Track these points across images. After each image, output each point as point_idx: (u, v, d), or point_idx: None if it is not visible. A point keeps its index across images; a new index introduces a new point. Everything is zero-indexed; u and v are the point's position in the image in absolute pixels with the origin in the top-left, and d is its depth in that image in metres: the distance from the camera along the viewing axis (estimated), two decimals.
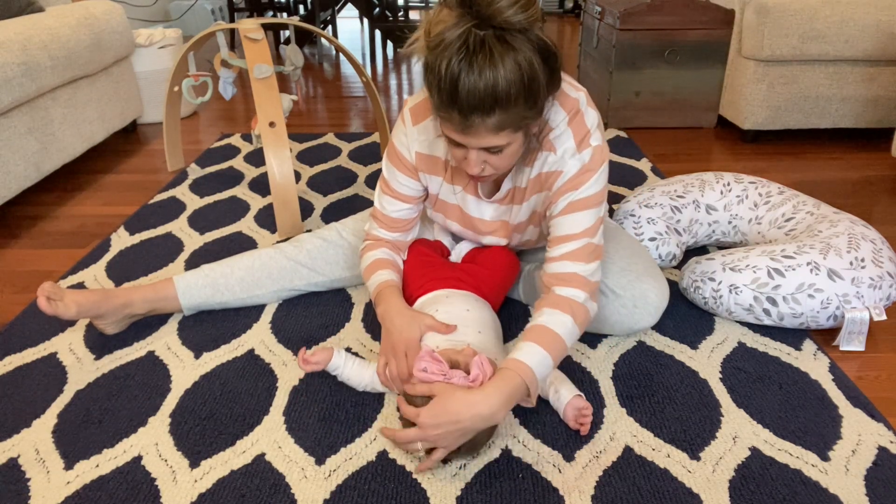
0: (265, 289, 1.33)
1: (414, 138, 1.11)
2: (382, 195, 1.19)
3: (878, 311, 1.18)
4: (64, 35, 1.97)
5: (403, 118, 1.12)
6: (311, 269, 1.35)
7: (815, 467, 0.95)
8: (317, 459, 0.97)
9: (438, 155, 1.12)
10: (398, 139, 1.14)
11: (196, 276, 1.31)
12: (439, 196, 1.19)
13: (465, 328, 1.06)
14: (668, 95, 2.52)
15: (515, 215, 1.17)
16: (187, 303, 1.30)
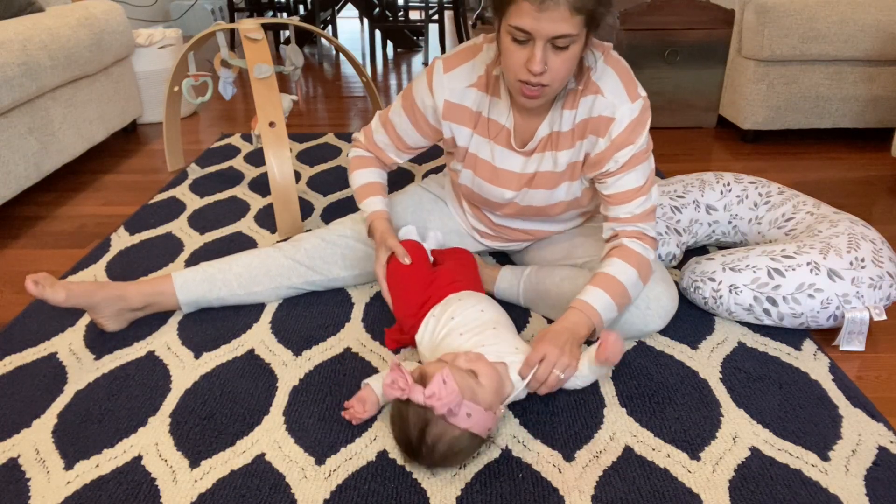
0: (263, 286, 1.33)
1: (444, 86, 1.13)
2: (380, 125, 1.27)
3: (878, 311, 1.18)
4: (64, 35, 1.97)
5: (433, 68, 1.14)
6: (309, 268, 1.35)
7: (815, 467, 0.95)
8: (317, 459, 0.97)
9: (468, 105, 1.14)
10: (419, 89, 1.17)
11: (194, 271, 1.31)
12: (469, 149, 1.19)
13: (483, 329, 1.06)
14: (668, 95, 2.52)
15: (551, 164, 1.14)
16: (184, 298, 1.29)
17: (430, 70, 1.15)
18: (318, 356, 1.20)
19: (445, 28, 4.30)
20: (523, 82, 0.99)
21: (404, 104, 1.21)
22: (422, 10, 4.41)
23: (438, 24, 4.21)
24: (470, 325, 1.07)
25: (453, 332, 1.07)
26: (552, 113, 1.12)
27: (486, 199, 1.24)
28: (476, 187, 1.23)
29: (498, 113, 1.14)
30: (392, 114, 1.24)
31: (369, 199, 1.26)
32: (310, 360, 1.19)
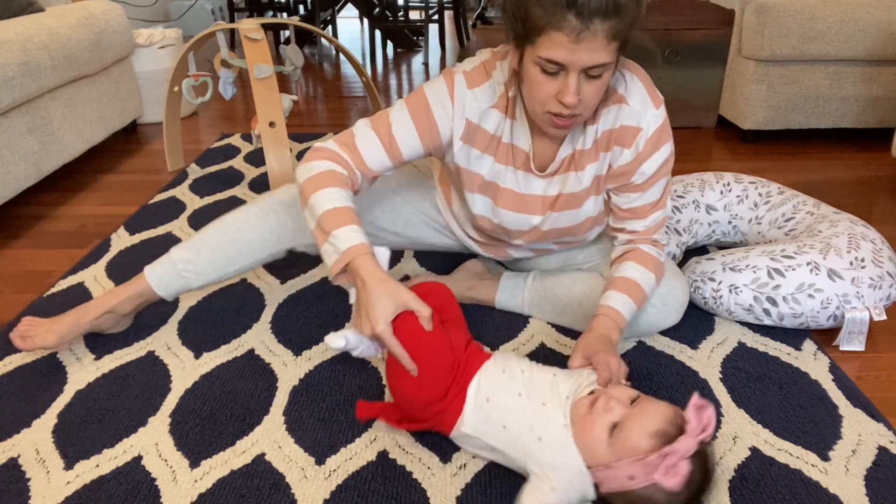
0: (237, 265, 1.20)
1: (468, 104, 1.02)
2: (369, 129, 1.04)
3: (878, 311, 1.18)
4: (64, 35, 1.97)
5: (453, 82, 1.02)
6: (278, 242, 1.19)
7: (815, 467, 0.95)
8: (317, 459, 0.97)
9: (488, 128, 1.05)
10: (437, 97, 1.03)
11: (165, 267, 1.19)
12: (486, 178, 1.09)
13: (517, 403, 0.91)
14: (668, 95, 2.51)
15: (575, 183, 1.08)
16: (167, 293, 1.21)
17: (450, 82, 1.03)
18: (318, 356, 1.20)
19: (445, 28, 4.30)
20: (553, 114, 0.94)
21: (412, 109, 1.03)
22: (422, 10, 4.41)
23: (438, 24, 4.21)
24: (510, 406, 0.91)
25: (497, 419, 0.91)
26: (573, 132, 1.06)
27: (507, 229, 1.15)
28: (496, 217, 1.13)
29: (517, 137, 1.06)
30: (394, 118, 1.04)
31: (345, 229, 0.95)
32: (310, 360, 1.19)
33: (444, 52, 4.25)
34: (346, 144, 1.04)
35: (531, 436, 0.87)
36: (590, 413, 0.85)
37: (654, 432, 0.81)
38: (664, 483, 0.77)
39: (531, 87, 0.93)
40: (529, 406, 0.89)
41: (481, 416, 0.91)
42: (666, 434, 0.80)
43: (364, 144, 1.03)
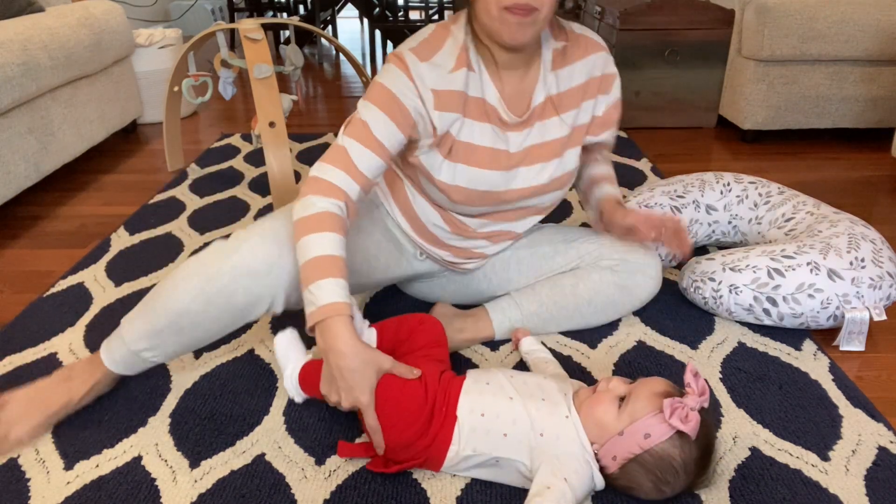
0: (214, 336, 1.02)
1: (426, 77, 0.99)
2: (358, 144, 0.98)
3: (878, 311, 1.18)
4: (64, 35, 1.97)
5: (404, 61, 0.98)
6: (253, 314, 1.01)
7: (815, 467, 0.95)
8: (317, 459, 0.97)
9: (455, 88, 1.01)
10: (396, 82, 0.99)
11: (125, 355, 1.02)
12: (459, 137, 1.03)
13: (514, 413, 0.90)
14: (668, 95, 2.52)
15: (556, 130, 1.08)
16: (133, 372, 1.06)
17: (401, 63, 0.99)
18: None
19: None
20: (508, 8, 0.90)
21: (380, 103, 0.99)
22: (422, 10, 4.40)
23: None
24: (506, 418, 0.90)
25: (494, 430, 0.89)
26: (542, 77, 1.05)
27: (484, 193, 1.08)
28: (471, 182, 1.06)
29: (484, 89, 1.03)
30: (368, 120, 0.98)
31: (328, 282, 0.89)
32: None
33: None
34: (344, 164, 0.97)
35: (533, 434, 0.87)
36: (595, 395, 0.88)
37: (661, 392, 0.85)
38: (682, 426, 0.80)
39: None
40: (525, 406, 0.89)
41: (479, 433, 0.89)
42: (671, 395, 0.85)
43: (359, 158, 0.98)
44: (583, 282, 1.20)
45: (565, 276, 1.22)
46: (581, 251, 1.22)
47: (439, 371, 0.96)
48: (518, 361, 1.18)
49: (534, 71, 1.06)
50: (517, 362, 1.18)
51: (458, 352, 1.21)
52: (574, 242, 1.23)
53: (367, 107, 1.00)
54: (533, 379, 0.96)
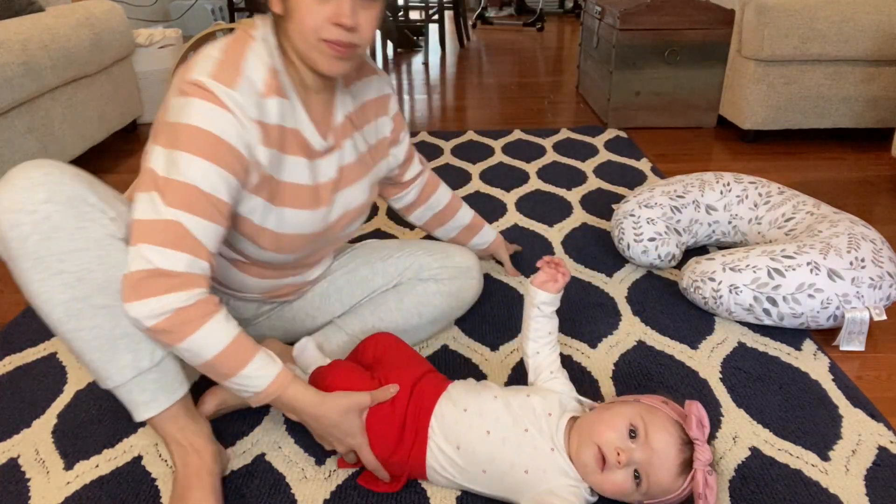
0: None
1: (245, 105, 0.83)
2: (185, 214, 0.79)
3: (878, 311, 1.18)
4: (64, 35, 1.97)
5: (209, 90, 0.81)
6: None
7: (815, 467, 0.95)
8: (317, 459, 0.97)
9: (275, 122, 0.88)
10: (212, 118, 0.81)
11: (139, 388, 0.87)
12: (281, 178, 0.91)
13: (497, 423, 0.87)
14: (668, 95, 2.52)
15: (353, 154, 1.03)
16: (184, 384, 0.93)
17: (206, 93, 0.81)
18: None
19: (445, 28, 4.30)
20: (330, 42, 0.83)
21: (200, 149, 0.80)
22: (422, 10, 4.41)
23: (438, 24, 4.21)
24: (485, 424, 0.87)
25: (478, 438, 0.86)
26: (339, 96, 0.99)
27: (312, 237, 0.99)
28: (298, 226, 0.96)
29: (297, 118, 0.92)
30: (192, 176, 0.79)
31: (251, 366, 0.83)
32: None
33: (444, 52, 4.25)
34: (185, 244, 0.79)
35: (516, 471, 0.83)
36: (606, 474, 0.81)
37: (678, 469, 0.81)
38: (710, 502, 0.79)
39: (302, 16, 0.82)
40: (504, 443, 0.84)
41: (458, 464, 0.86)
42: (687, 460, 0.81)
43: (199, 231, 0.81)
44: (407, 296, 1.17)
45: (388, 293, 1.18)
46: (399, 267, 1.19)
47: (413, 379, 0.93)
48: (517, 363, 1.18)
49: (332, 91, 0.99)
50: (517, 363, 1.18)
51: (456, 352, 1.21)
52: (391, 259, 1.20)
53: (183, 161, 0.80)
54: (517, 400, 0.89)
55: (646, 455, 0.80)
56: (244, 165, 0.85)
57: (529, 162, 2.19)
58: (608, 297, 1.38)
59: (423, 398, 0.91)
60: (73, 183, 0.78)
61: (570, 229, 1.70)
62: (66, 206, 0.77)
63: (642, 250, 1.43)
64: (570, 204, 1.86)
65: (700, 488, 0.79)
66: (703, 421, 0.82)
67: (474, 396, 0.90)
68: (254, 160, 0.86)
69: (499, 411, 0.87)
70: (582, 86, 3.11)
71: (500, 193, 1.94)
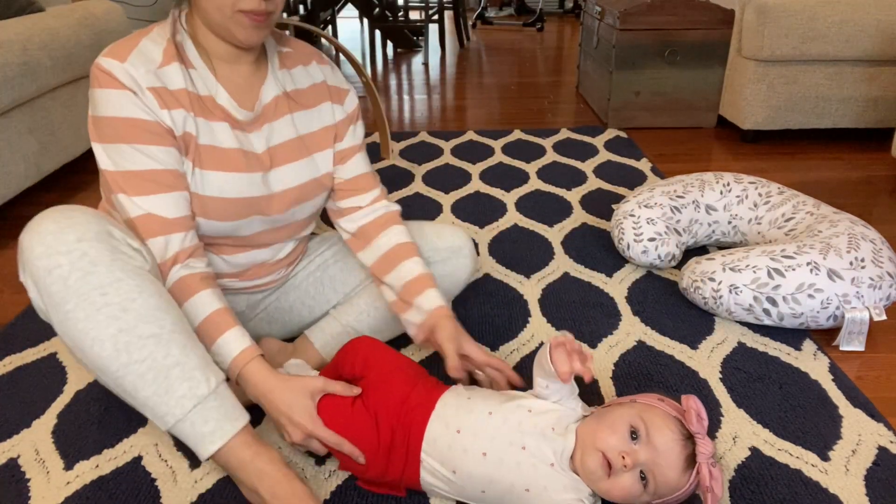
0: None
1: (135, 76, 0.86)
2: (139, 198, 0.87)
3: (878, 311, 1.18)
4: (64, 35, 1.97)
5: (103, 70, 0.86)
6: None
7: (815, 467, 0.95)
8: (317, 459, 0.97)
9: (172, 86, 0.89)
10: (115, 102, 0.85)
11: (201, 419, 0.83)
12: (200, 140, 0.92)
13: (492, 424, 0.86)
14: (668, 95, 2.52)
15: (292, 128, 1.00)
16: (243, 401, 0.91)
17: (101, 74, 0.86)
18: None
19: (445, 28, 4.30)
20: (246, 11, 0.86)
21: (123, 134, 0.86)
22: (422, 10, 4.41)
23: (438, 24, 4.21)
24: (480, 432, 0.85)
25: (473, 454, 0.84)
26: (271, 74, 0.99)
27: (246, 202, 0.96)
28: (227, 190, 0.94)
29: (209, 86, 0.93)
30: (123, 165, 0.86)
31: (223, 338, 0.87)
32: None
33: (444, 52, 4.25)
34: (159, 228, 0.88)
35: (516, 491, 0.82)
36: (614, 479, 0.80)
37: (683, 465, 0.81)
38: (715, 499, 0.79)
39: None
40: (502, 462, 0.82)
41: (456, 485, 0.85)
42: (690, 455, 0.81)
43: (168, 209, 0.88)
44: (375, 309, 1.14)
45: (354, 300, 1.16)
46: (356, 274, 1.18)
47: (405, 392, 0.90)
48: (517, 363, 1.18)
49: (261, 68, 0.99)
50: (517, 363, 1.18)
51: None
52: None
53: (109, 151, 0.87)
54: (515, 416, 0.86)
55: (650, 455, 0.80)
56: (164, 129, 0.89)
57: (529, 162, 2.19)
58: (608, 297, 1.38)
59: (412, 418, 0.88)
60: (96, 220, 0.81)
61: (569, 229, 1.70)
62: (97, 240, 0.79)
63: (642, 250, 1.43)
64: (570, 204, 1.86)
65: (707, 481, 0.79)
66: (702, 413, 0.82)
67: (466, 414, 0.87)
68: (165, 125, 0.89)
69: (494, 429, 0.84)
70: (582, 86, 3.11)
71: (500, 193, 1.94)
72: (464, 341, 0.99)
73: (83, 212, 0.82)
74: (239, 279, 1.07)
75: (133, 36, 0.90)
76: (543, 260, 1.54)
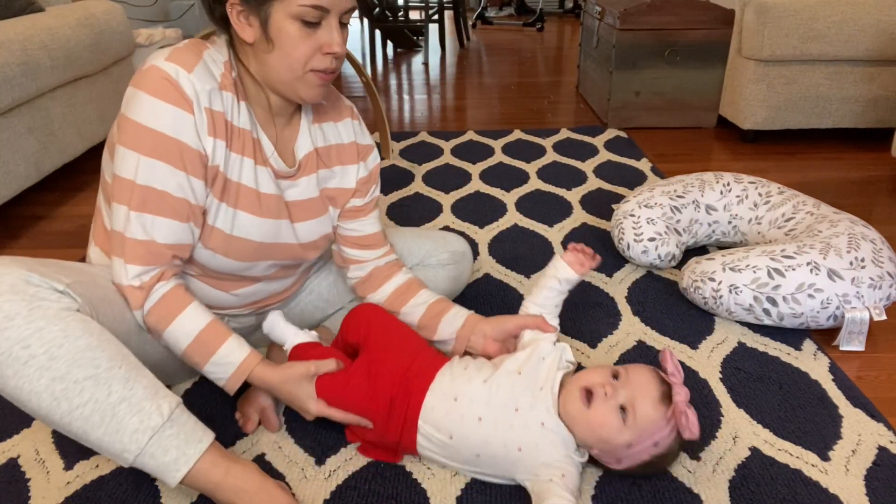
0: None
1: (197, 88, 0.84)
2: (141, 216, 0.84)
3: (878, 311, 1.18)
4: (64, 35, 1.97)
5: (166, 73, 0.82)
6: None
7: (815, 467, 0.95)
8: (317, 459, 0.97)
9: (221, 111, 0.87)
10: (165, 114, 0.82)
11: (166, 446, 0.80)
12: (229, 175, 0.90)
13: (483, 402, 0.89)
14: (668, 95, 2.52)
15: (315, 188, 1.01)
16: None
17: (161, 82, 0.82)
18: None
19: (445, 28, 4.30)
20: (318, 71, 0.86)
21: (155, 152, 0.83)
22: (422, 10, 4.41)
23: (438, 24, 4.22)
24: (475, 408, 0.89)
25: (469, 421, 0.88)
26: (306, 128, 0.99)
27: (257, 246, 0.96)
28: (246, 230, 0.94)
29: (256, 129, 0.93)
30: (141, 178, 0.83)
31: (220, 353, 0.88)
32: None
33: (444, 52, 4.25)
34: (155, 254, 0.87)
35: (510, 450, 0.86)
36: (593, 408, 0.85)
37: (659, 398, 0.85)
38: (691, 434, 0.81)
39: (290, 48, 0.83)
40: (496, 425, 0.86)
41: (451, 450, 0.89)
42: (665, 393, 0.85)
43: (163, 234, 0.86)
44: None
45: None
46: (403, 252, 1.21)
47: (407, 362, 0.95)
48: None
49: (295, 120, 0.99)
50: None
51: None
52: (395, 247, 1.19)
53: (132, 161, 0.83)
54: (507, 381, 0.90)
55: (628, 391, 0.85)
56: (202, 161, 0.87)
57: (529, 162, 2.19)
58: (608, 297, 1.38)
59: (412, 388, 0.92)
60: (9, 269, 0.75)
61: (570, 229, 1.70)
62: (11, 293, 0.74)
63: (642, 250, 1.43)
64: (570, 204, 1.86)
65: (681, 407, 0.82)
66: (676, 361, 0.87)
67: (463, 384, 0.91)
68: (205, 152, 0.87)
69: (489, 395, 0.89)
70: (582, 86, 3.11)
71: (500, 193, 1.94)
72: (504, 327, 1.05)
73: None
74: (244, 308, 1.08)
75: (194, 45, 0.86)
76: (543, 260, 1.54)
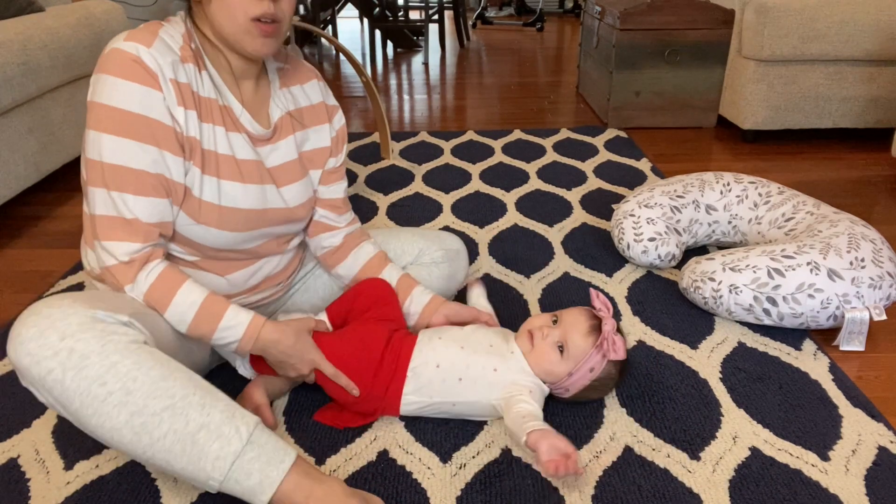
0: None
1: (159, 62, 0.85)
2: (120, 195, 0.85)
3: (878, 311, 1.18)
4: (64, 35, 1.97)
5: (126, 53, 0.83)
6: None
7: (815, 467, 0.95)
8: (317, 459, 0.97)
9: (185, 81, 0.89)
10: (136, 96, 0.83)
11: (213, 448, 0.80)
12: (204, 145, 0.91)
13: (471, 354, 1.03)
14: (668, 95, 2.52)
15: (294, 149, 1.04)
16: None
17: (124, 61, 0.83)
18: None
19: (445, 28, 4.30)
20: (257, 20, 0.86)
21: (120, 128, 0.83)
22: (422, 10, 4.41)
23: (438, 24, 4.22)
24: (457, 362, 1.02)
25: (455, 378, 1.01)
26: (274, 91, 1.03)
27: (247, 214, 0.97)
28: (237, 200, 0.95)
29: (223, 94, 0.94)
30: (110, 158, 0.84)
31: (225, 320, 0.90)
32: None
33: (444, 52, 4.25)
34: (140, 231, 0.86)
35: (487, 371, 1.00)
36: (536, 346, 1.01)
37: (588, 330, 1.01)
38: (617, 356, 0.98)
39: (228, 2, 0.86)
40: (475, 353, 1.02)
41: (436, 382, 1.00)
42: (594, 326, 1.01)
43: (146, 210, 0.86)
44: None
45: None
46: (397, 251, 1.23)
47: (388, 330, 1.06)
48: None
49: (264, 85, 1.02)
50: None
51: None
52: (389, 245, 1.23)
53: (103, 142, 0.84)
54: (479, 332, 1.07)
55: (562, 329, 1.02)
56: (176, 136, 0.88)
57: (529, 162, 2.19)
58: (608, 297, 1.38)
59: (402, 343, 1.04)
60: (75, 309, 0.77)
61: (570, 229, 1.70)
62: (81, 331, 0.75)
63: (642, 250, 1.43)
64: (570, 204, 1.86)
65: (605, 335, 0.97)
66: (603, 298, 1.03)
67: (446, 331, 1.07)
68: (178, 124, 0.88)
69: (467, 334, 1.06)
70: (582, 86, 3.11)
71: (500, 193, 1.94)
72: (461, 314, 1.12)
73: (60, 305, 0.77)
74: (240, 297, 1.08)
75: (149, 25, 0.89)
76: (543, 260, 1.55)
